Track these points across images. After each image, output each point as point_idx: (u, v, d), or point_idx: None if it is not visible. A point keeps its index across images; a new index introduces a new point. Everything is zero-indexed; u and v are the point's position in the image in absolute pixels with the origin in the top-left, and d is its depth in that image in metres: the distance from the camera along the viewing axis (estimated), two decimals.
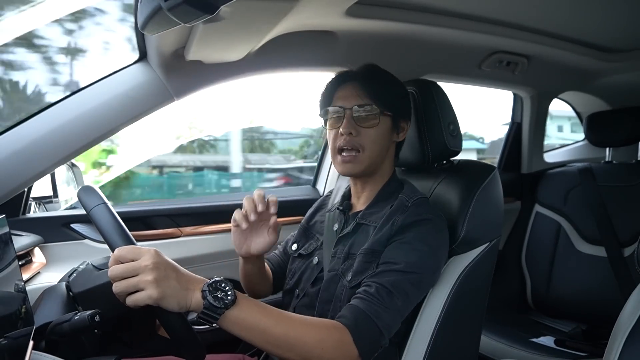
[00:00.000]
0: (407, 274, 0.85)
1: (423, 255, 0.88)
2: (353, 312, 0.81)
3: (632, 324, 0.62)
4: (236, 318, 0.71)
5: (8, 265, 0.69)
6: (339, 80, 1.00)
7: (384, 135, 0.97)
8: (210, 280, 0.71)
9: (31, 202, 1.30)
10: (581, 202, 1.87)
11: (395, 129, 1.00)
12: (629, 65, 1.73)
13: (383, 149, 0.99)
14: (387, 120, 0.97)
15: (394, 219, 0.92)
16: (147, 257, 0.68)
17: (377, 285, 0.83)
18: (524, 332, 1.71)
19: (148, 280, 0.66)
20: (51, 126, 1.00)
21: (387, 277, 0.84)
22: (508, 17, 1.31)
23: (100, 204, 0.88)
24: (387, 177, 1.03)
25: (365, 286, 0.85)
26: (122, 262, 0.69)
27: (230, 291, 0.71)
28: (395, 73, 1.03)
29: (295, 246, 1.11)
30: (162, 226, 1.37)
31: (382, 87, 0.97)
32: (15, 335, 0.64)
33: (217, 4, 0.61)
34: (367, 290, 0.83)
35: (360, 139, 0.95)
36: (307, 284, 1.01)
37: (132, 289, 0.67)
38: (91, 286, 0.95)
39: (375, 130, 0.95)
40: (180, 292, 0.69)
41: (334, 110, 0.97)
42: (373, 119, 0.94)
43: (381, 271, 0.86)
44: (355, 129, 0.94)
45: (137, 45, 1.11)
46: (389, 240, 0.90)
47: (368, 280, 0.86)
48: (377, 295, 0.82)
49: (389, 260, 0.87)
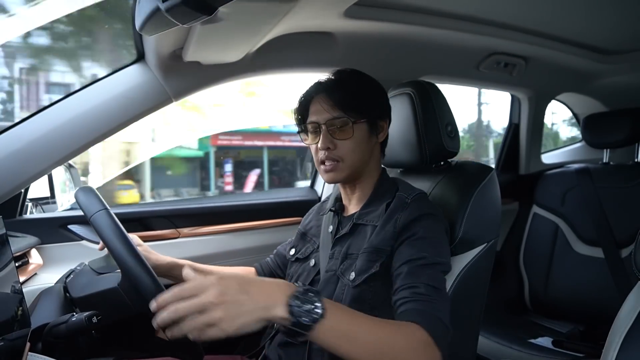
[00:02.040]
0: (436, 265, 0.86)
1: (438, 246, 0.90)
2: (420, 315, 0.79)
3: (629, 325, 0.62)
4: (325, 330, 0.66)
5: (5, 267, 0.69)
6: (310, 93, 0.99)
7: (362, 142, 0.97)
8: (297, 289, 0.66)
9: (28, 203, 1.29)
10: (579, 203, 1.88)
11: (373, 132, 0.99)
12: (626, 66, 1.74)
13: (364, 155, 0.98)
14: (362, 127, 0.96)
15: (397, 217, 0.92)
16: (211, 291, 0.61)
17: (422, 284, 0.82)
18: (522, 333, 1.71)
19: (218, 318, 0.60)
20: (49, 127, 1.00)
21: (424, 272, 0.84)
22: (506, 18, 1.31)
23: (101, 210, 0.88)
24: (377, 176, 1.03)
25: (408, 288, 0.83)
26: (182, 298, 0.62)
27: (319, 302, 0.66)
28: (393, 74, 1.03)
29: (292, 251, 1.12)
30: (160, 227, 1.36)
31: (352, 95, 0.96)
32: (11, 336, 0.64)
33: (215, 5, 0.61)
34: (417, 292, 0.82)
35: (338, 151, 0.95)
36: None
37: (202, 327, 0.61)
38: (91, 292, 0.95)
39: (351, 140, 0.95)
40: (258, 312, 0.63)
41: (310, 126, 0.98)
42: (347, 131, 0.94)
43: (414, 270, 0.85)
44: (332, 142, 0.95)
45: (135, 46, 1.11)
46: (398, 239, 0.90)
47: (406, 282, 0.84)
48: (428, 293, 0.81)
49: (412, 257, 0.86)
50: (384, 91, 1.04)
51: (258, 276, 1.17)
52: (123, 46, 3.15)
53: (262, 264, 1.20)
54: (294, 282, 1.05)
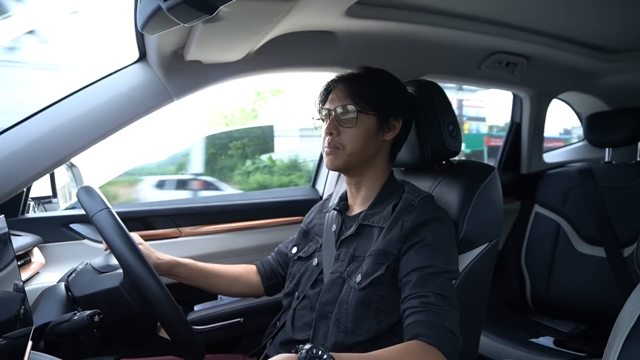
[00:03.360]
0: (445, 273, 0.86)
1: (447, 253, 0.90)
2: (429, 327, 0.79)
3: (631, 324, 0.62)
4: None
5: (7, 266, 0.69)
6: (331, 84, 1.02)
7: (366, 133, 0.97)
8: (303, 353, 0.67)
9: (30, 202, 1.30)
10: (581, 202, 1.87)
11: (382, 128, 0.99)
12: (628, 65, 1.73)
13: (366, 146, 0.98)
14: (368, 119, 0.97)
15: (403, 219, 0.92)
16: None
17: (431, 293, 0.82)
18: (524, 333, 1.71)
19: None
20: (50, 126, 1.00)
21: (433, 281, 0.84)
22: (507, 17, 1.31)
23: (103, 209, 0.89)
24: (385, 178, 1.03)
25: (417, 297, 0.83)
26: None
27: (325, 355, 0.67)
28: (395, 73, 1.03)
29: (295, 249, 1.11)
30: (162, 226, 1.36)
31: (365, 87, 0.98)
32: (14, 335, 0.64)
33: (217, 4, 0.61)
34: (425, 301, 0.82)
35: (340, 137, 0.97)
36: (307, 286, 1.02)
37: None
38: (93, 291, 0.95)
39: (354, 129, 0.96)
40: None
41: (323, 112, 1.01)
42: (352, 120, 0.96)
43: (422, 278, 0.85)
44: (337, 129, 0.97)
45: (137, 45, 1.11)
46: (405, 243, 0.89)
47: (415, 291, 0.84)
48: (437, 303, 0.81)
49: (420, 265, 0.86)
50: (407, 92, 1.05)
51: (259, 276, 1.18)
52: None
53: (263, 262, 1.20)
54: (296, 281, 1.05)
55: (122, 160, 2.89)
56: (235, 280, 1.16)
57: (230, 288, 1.16)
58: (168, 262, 1.07)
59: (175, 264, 1.08)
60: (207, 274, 1.12)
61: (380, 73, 1.03)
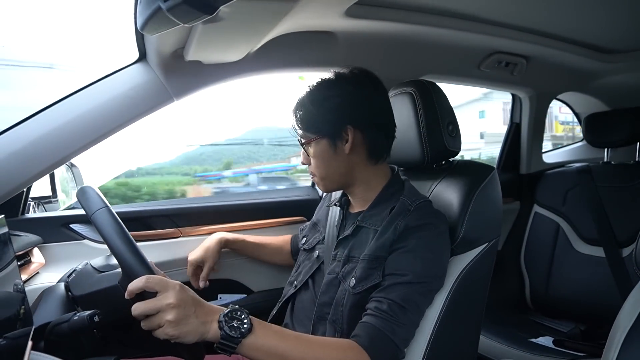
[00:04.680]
0: (415, 284, 0.85)
1: (428, 263, 0.88)
2: (368, 331, 0.81)
3: (630, 324, 0.62)
4: (254, 345, 0.73)
5: (7, 266, 0.69)
6: None
7: (323, 157, 0.96)
8: (226, 310, 0.73)
9: (30, 203, 1.30)
10: (580, 202, 1.88)
11: (337, 144, 0.94)
12: (628, 66, 1.74)
13: (333, 169, 0.97)
14: (318, 143, 0.96)
15: (397, 223, 0.91)
16: (170, 293, 0.70)
17: (389, 301, 0.83)
18: (523, 333, 1.71)
19: (168, 320, 0.69)
20: (50, 126, 1.00)
21: (397, 291, 0.84)
22: (507, 18, 1.31)
23: (102, 207, 0.88)
24: (385, 179, 1.01)
25: (375, 302, 0.84)
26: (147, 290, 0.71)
27: (246, 319, 0.73)
28: (394, 73, 1.03)
29: (304, 240, 1.17)
30: (161, 226, 1.36)
31: (305, 113, 0.96)
32: (14, 335, 0.64)
33: (217, 4, 0.61)
34: (379, 307, 0.83)
35: (312, 167, 1.00)
36: (306, 277, 1.06)
37: (155, 326, 0.70)
38: (92, 290, 0.95)
39: (314, 158, 0.98)
40: (199, 327, 0.71)
41: None
42: (309, 149, 0.99)
43: (389, 285, 0.85)
44: (307, 158, 1.01)
45: (137, 45, 1.11)
46: (392, 247, 0.89)
47: (377, 295, 0.85)
48: (389, 312, 0.82)
49: (395, 271, 0.86)
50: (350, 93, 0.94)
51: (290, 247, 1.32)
52: None
53: (293, 237, 1.33)
54: (299, 271, 1.10)
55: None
56: (279, 250, 1.33)
57: (273, 257, 1.34)
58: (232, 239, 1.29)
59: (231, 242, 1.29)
60: (255, 246, 1.31)
61: (313, 90, 0.97)
